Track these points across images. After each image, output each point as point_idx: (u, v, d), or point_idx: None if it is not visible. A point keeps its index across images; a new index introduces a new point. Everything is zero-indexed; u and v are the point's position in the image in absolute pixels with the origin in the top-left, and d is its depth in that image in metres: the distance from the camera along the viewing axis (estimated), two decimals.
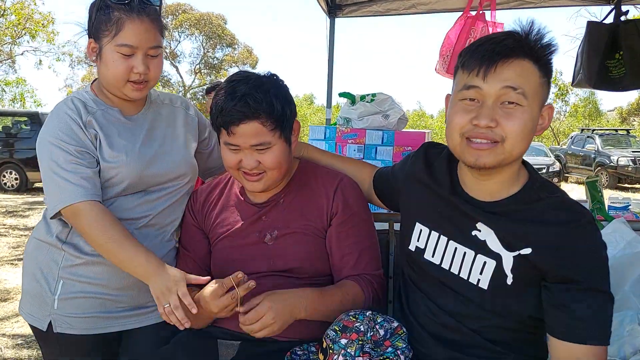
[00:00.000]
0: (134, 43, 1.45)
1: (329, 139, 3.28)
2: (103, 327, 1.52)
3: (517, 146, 1.23)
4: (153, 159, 1.55)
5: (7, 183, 12.44)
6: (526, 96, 1.21)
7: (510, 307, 1.28)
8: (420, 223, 1.43)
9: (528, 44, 1.23)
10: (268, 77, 1.47)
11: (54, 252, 1.50)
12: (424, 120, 38.77)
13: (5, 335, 3.56)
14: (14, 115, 13.41)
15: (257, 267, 1.54)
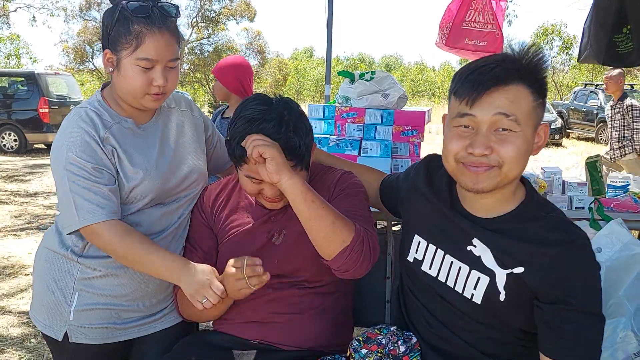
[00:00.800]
0: (155, 57, 1.43)
1: (328, 118, 3.24)
2: (116, 336, 1.55)
3: (514, 169, 1.24)
4: (170, 170, 1.56)
5: (7, 145, 12.43)
6: (519, 122, 1.21)
7: (503, 321, 1.30)
8: (418, 235, 1.45)
9: (520, 70, 1.22)
10: (283, 108, 1.44)
11: (69, 264, 1.51)
12: (425, 73, 38.30)
13: (11, 313, 3.63)
14: (10, 76, 13.24)
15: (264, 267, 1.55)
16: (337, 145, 3.07)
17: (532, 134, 1.25)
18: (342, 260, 1.35)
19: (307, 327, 1.53)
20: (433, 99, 33.21)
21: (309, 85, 38.64)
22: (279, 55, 38.22)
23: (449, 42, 3.67)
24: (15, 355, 3.01)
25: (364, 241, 1.38)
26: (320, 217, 1.33)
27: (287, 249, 1.55)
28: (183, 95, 1.77)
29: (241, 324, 1.55)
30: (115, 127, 1.50)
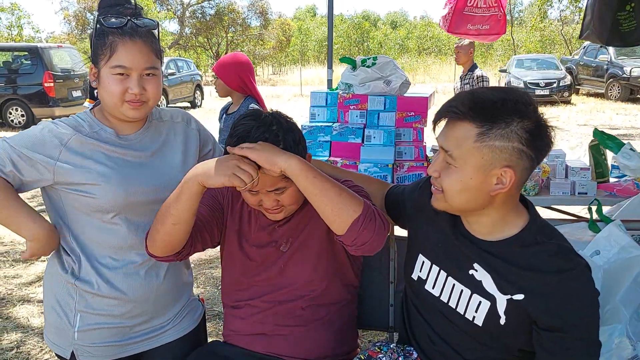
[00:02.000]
0: (127, 64, 1.47)
1: (330, 105, 3.26)
2: (121, 352, 1.62)
3: (455, 200, 1.30)
4: (141, 179, 1.55)
5: (14, 120, 12.48)
6: (454, 158, 1.26)
7: (503, 342, 1.35)
8: (423, 255, 1.49)
9: (459, 108, 1.25)
10: (272, 122, 1.45)
11: (69, 287, 1.57)
12: (431, 29, 37.56)
13: (31, 302, 3.75)
14: (14, 50, 13.18)
15: (269, 276, 1.60)
16: (340, 133, 3.09)
17: (476, 174, 1.25)
18: (356, 232, 1.36)
19: (312, 338, 1.58)
20: (440, 56, 32.73)
21: (312, 45, 38.11)
22: (282, 16, 37.60)
23: (451, 28, 3.65)
24: (37, 347, 3.15)
25: (375, 212, 1.39)
26: (326, 190, 1.35)
27: (293, 256, 1.59)
28: (182, 111, 1.79)
29: (249, 336, 1.61)
30: (89, 134, 1.53)
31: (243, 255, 1.63)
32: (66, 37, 31.16)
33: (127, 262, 1.56)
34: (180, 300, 1.73)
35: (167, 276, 1.64)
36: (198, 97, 17.76)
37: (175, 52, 30.76)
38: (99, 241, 1.55)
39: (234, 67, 3.21)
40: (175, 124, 1.71)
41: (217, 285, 4.03)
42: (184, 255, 1.55)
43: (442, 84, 22.77)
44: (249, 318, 1.61)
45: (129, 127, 1.59)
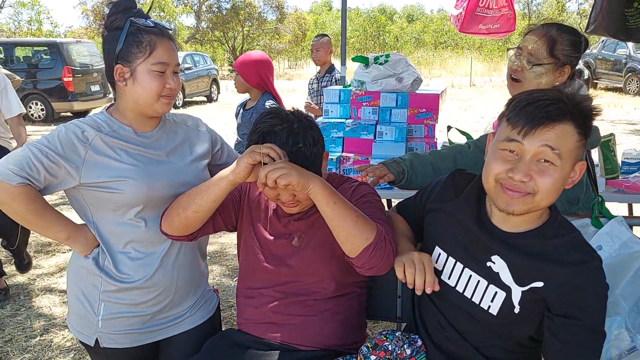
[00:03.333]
0: (167, 60, 1.59)
1: (344, 102, 3.31)
2: (142, 339, 1.71)
3: (546, 199, 1.34)
4: (161, 176, 1.63)
5: (34, 114, 12.71)
6: (561, 157, 1.30)
7: (514, 331, 1.43)
8: (440, 247, 1.55)
9: (573, 111, 1.31)
10: (293, 120, 1.52)
11: (93, 277, 1.65)
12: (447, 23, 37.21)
13: (53, 292, 3.88)
14: (34, 45, 13.40)
15: (280, 268, 1.67)
16: (352, 129, 3.15)
17: (570, 170, 1.34)
18: (365, 258, 1.43)
19: (320, 327, 1.65)
20: (456, 49, 32.48)
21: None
22: (298, 10, 37.57)
23: (463, 28, 3.69)
24: (59, 336, 3.27)
25: (386, 239, 1.46)
26: (343, 217, 1.42)
27: (305, 253, 1.66)
28: (191, 115, 1.88)
29: (262, 324, 1.69)
30: (109, 133, 1.60)
31: (257, 243, 1.71)
32: (84, 32, 31.50)
33: (148, 253, 1.65)
34: (197, 290, 1.82)
35: (185, 267, 1.73)
36: (214, 92, 17.88)
37: (191, 46, 30.93)
38: (121, 234, 1.63)
39: (253, 64, 3.29)
40: (187, 127, 1.81)
41: (231, 277, 4.12)
42: (195, 237, 1.66)
43: (458, 78, 22.65)
44: (261, 307, 1.69)
45: (146, 124, 1.68)
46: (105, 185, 1.57)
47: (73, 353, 3.05)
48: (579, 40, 2.07)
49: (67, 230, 1.61)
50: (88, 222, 1.65)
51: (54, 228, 1.60)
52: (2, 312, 3.54)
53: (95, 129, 1.59)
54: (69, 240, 1.62)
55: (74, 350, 3.08)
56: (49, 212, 1.58)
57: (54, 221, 1.59)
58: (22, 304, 3.67)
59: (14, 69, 12.20)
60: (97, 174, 1.55)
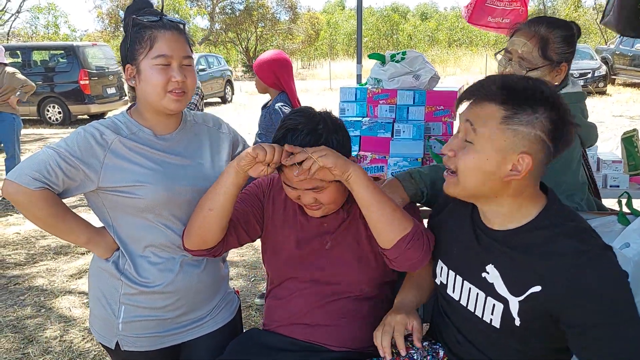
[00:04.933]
0: (168, 52, 1.53)
1: (360, 100, 3.28)
2: (162, 342, 1.69)
3: (468, 181, 1.30)
4: (181, 179, 1.61)
5: (52, 117, 12.85)
6: (477, 134, 1.27)
7: (525, 342, 1.34)
8: (441, 261, 1.51)
9: (490, 88, 1.28)
10: (319, 122, 1.49)
11: (114, 280, 1.64)
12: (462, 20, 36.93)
13: (72, 293, 3.90)
14: (51, 49, 13.55)
15: (313, 270, 1.64)
16: (369, 128, 3.12)
17: (494, 156, 1.26)
18: (401, 249, 1.40)
19: (352, 330, 1.63)
20: (471, 47, 32.23)
21: (341, 39, 37.94)
22: (311, 10, 37.56)
23: (472, 19, 3.65)
24: (79, 337, 3.28)
25: (423, 233, 1.45)
26: (382, 203, 1.41)
27: (336, 254, 1.63)
28: (212, 115, 1.84)
29: (290, 325, 1.67)
30: (128, 135, 1.58)
31: (287, 247, 1.67)
32: (100, 35, 31.81)
33: (168, 257, 1.63)
34: (218, 293, 1.80)
35: (206, 271, 1.70)
36: (228, 93, 17.94)
37: (205, 48, 31.08)
38: (140, 238, 1.61)
39: (268, 64, 3.28)
40: (209, 128, 1.77)
41: (248, 277, 4.12)
42: (217, 252, 1.61)
43: (473, 76, 22.45)
44: (292, 309, 1.67)
45: (166, 126, 1.65)
46: (124, 190, 1.54)
47: (93, 354, 3.06)
48: (571, 34, 1.94)
49: (87, 234, 1.60)
50: (107, 226, 1.64)
51: (74, 232, 1.59)
52: (22, 313, 3.57)
53: (115, 132, 1.56)
54: (89, 244, 1.61)
55: (94, 351, 3.09)
56: (69, 216, 1.57)
57: (73, 225, 1.59)
58: (42, 305, 3.69)
59: (32, 72, 12.39)
60: (115, 179, 1.53)
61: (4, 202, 6.29)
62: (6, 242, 5.02)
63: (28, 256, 4.65)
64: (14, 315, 3.55)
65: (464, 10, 3.64)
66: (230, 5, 31.99)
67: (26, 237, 5.14)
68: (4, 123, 6.45)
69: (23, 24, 27.83)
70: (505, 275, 1.32)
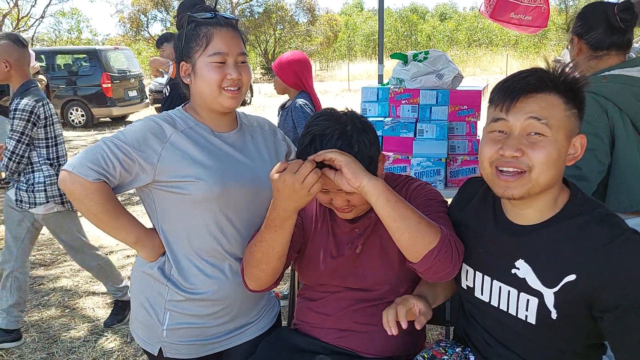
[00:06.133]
0: (225, 50, 1.53)
1: (382, 100, 3.26)
2: (204, 351, 1.66)
3: (544, 174, 1.26)
4: (236, 175, 1.58)
5: (75, 120, 13.03)
6: (550, 127, 1.24)
7: (561, 337, 1.32)
8: (466, 264, 1.48)
9: (552, 80, 1.27)
10: (346, 122, 1.44)
11: (159, 286, 1.61)
12: (481, 20, 36.65)
13: (96, 294, 3.93)
14: (74, 53, 13.75)
15: (346, 280, 1.62)
16: (392, 128, 3.09)
17: (565, 142, 1.27)
18: (429, 263, 1.33)
19: (385, 338, 1.58)
20: (491, 47, 31.93)
21: (359, 40, 37.88)
22: (329, 12, 37.58)
23: (494, 14, 3.58)
24: (103, 337, 3.30)
25: (450, 243, 1.36)
26: (404, 217, 1.31)
27: (368, 258, 1.60)
28: (267, 120, 1.83)
29: (322, 328, 1.64)
30: (185, 130, 1.56)
31: (320, 252, 1.65)
32: (121, 39, 32.22)
33: (215, 264, 1.60)
34: (262, 299, 1.77)
35: None
36: (248, 95, 18.02)
37: None
38: (188, 241, 1.58)
39: (289, 64, 3.27)
40: (264, 131, 1.76)
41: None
42: (280, 280, 1.60)
43: (493, 76, 22.24)
44: (325, 312, 1.65)
45: (221, 124, 1.63)
46: (177, 185, 1.52)
47: (116, 354, 3.08)
48: (583, 10, 2.14)
49: (136, 234, 1.57)
50: (156, 227, 1.61)
51: (125, 230, 1.55)
52: (47, 314, 3.61)
53: (172, 126, 1.55)
54: (137, 244, 1.58)
55: (117, 351, 3.11)
56: (122, 214, 1.54)
57: (125, 223, 1.55)
58: (66, 306, 3.73)
59: (55, 76, 12.61)
60: (171, 172, 1.51)
61: None
62: None
63: (52, 257, 4.71)
64: (38, 316, 3.59)
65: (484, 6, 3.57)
66: (249, 8, 32.19)
67: (50, 237, 5.19)
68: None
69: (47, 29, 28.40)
70: (537, 268, 1.30)
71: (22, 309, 3.20)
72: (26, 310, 3.37)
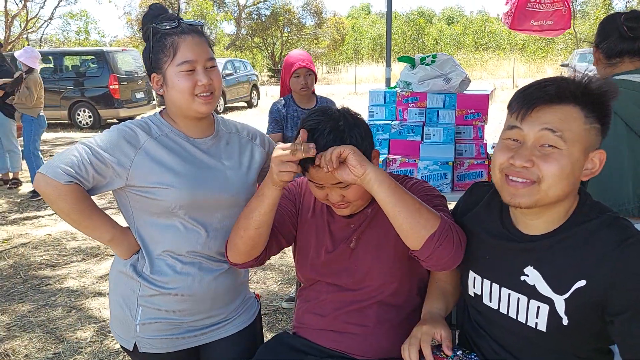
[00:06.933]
0: (192, 57, 1.54)
1: (389, 103, 3.26)
2: (179, 345, 1.69)
3: (554, 188, 1.24)
4: (207, 182, 1.61)
5: (82, 121, 13.09)
6: (565, 140, 1.21)
7: (572, 344, 1.31)
8: (472, 271, 1.47)
9: (575, 91, 1.22)
10: (339, 118, 1.48)
11: (132, 282, 1.64)
12: (489, 24, 36.68)
13: (102, 295, 3.94)
14: (82, 55, 13.82)
15: (340, 276, 1.63)
16: (399, 131, 3.09)
17: (581, 157, 1.24)
18: (431, 248, 1.35)
19: (381, 339, 1.60)
20: (497, 51, 31.89)
21: (366, 43, 37.90)
22: (336, 15, 37.64)
23: (514, 24, 3.58)
24: (109, 338, 3.30)
25: (451, 229, 1.39)
26: (405, 203, 1.36)
27: (362, 253, 1.61)
28: (247, 125, 1.84)
29: (318, 330, 1.65)
30: (159, 137, 1.59)
31: (316, 250, 1.67)
32: (129, 41, 32.40)
33: (186, 262, 1.62)
34: (238, 297, 1.78)
35: (224, 276, 1.69)
36: (254, 97, 18.05)
37: (231, 53, 31.39)
38: (161, 241, 1.61)
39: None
40: (241, 137, 1.77)
41: (275, 280, 4.12)
42: (262, 260, 1.63)
43: (500, 80, 22.23)
44: (321, 313, 1.66)
45: (197, 130, 1.65)
46: (148, 191, 1.56)
47: (123, 355, 3.09)
48: (602, 23, 2.23)
49: (111, 232, 1.60)
50: (131, 227, 1.64)
51: (99, 229, 1.59)
52: (54, 314, 3.63)
53: (146, 132, 1.58)
54: (112, 242, 1.61)
55: (123, 352, 3.12)
56: (95, 213, 1.57)
57: (98, 222, 1.58)
58: (72, 306, 3.75)
59: (63, 77, 12.68)
60: (142, 178, 1.55)
61: (36, 204, 6.42)
62: (38, 243, 5.12)
63: (59, 257, 4.73)
64: (45, 316, 3.60)
65: (504, 17, 3.57)
66: (257, 11, 32.30)
67: (57, 238, 5.23)
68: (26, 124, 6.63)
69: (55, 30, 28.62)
70: (547, 275, 1.29)
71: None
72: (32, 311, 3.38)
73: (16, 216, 6.03)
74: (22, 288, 4.08)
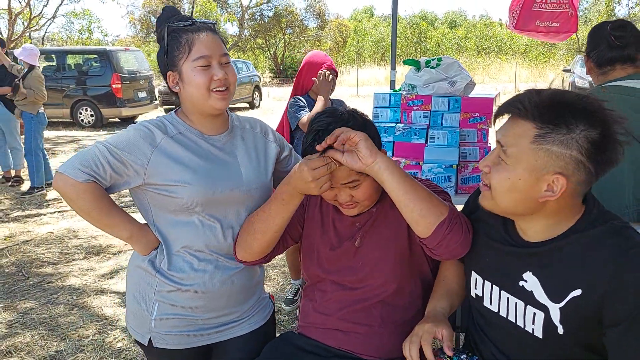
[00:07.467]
0: (207, 52, 1.57)
1: (394, 106, 3.26)
2: (194, 342, 1.70)
3: (500, 199, 1.26)
4: (223, 178, 1.62)
5: (84, 119, 13.10)
6: (507, 155, 1.23)
7: (568, 352, 1.30)
8: (475, 272, 1.48)
9: (524, 104, 1.21)
10: (348, 119, 1.51)
11: (149, 277, 1.67)
12: (491, 28, 36.69)
13: (104, 293, 3.95)
14: (84, 53, 13.84)
15: (344, 274, 1.65)
16: (403, 134, 3.10)
17: (526, 176, 1.22)
18: (441, 235, 1.38)
19: (386, 339, 1.61)
20: (500, 55, 31.90)
21: (369, 46, 37.91)
22: (339, 17, 37.67)
23: (519, 25, 3.55)
24: (111, 336, 3.32)
25: (460, 217, 1.43)
26: (415, 190, 1.39)
27: (366, 251, 1.63)
28: (259, 121, 1.86)
29: (325, 330, 1.67)
30: (175, 135, 1.61)
31: (321, 248, 1.69)
32: (131, 40, 32.44)
33: (204, 259, 1.64)
34: (252, 297, 1.80)
35: (240, 274, 1.71)
36: (256, 98, 18.07)
37: (234, 54, 31.43)
38: (179, 237, 1.63)
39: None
40: (255, 133, 1.79)
41: (279, 283, 4.12)
42: (269, 258, 1.67)
43: (502, 84, 22.23)
44: (325, 312, 1.67)
45: (213, 127, 1.67)
46: (166, 189, 1.57)
47: (125, 353, 3.09)
48: (591, 33, 2.28)
49: (129, 229, 1.62)
50: (150, 223, 1.66)
51: (118, 226, 1.61)
52: (56, 312, 3.63)
53: (163, 131, 1.60)
54: (131, 239, 1.63)
55: (126, 350, 3.12)
56: (114, 211, 1.59)
57: (117, 220, 1.61)
58: (75, 304, 3.75)
59: (65, 76, 12.69)
60: (159, 176, 1.56)
61: (38, 202, 6.43)
62: (40, 241, 5.12)
63: (61, 255, 4.74)
64: (47, 314, 3.61)
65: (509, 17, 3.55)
66: (259, 12, 32.31)
67: (59, 236, 5.24)
68: (26, 121, 6.64)
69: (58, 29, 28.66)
70: (545, 282, 1.28)
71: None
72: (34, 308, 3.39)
73: (18, 213, 6.04)
74: (24, 285, 4.09)
